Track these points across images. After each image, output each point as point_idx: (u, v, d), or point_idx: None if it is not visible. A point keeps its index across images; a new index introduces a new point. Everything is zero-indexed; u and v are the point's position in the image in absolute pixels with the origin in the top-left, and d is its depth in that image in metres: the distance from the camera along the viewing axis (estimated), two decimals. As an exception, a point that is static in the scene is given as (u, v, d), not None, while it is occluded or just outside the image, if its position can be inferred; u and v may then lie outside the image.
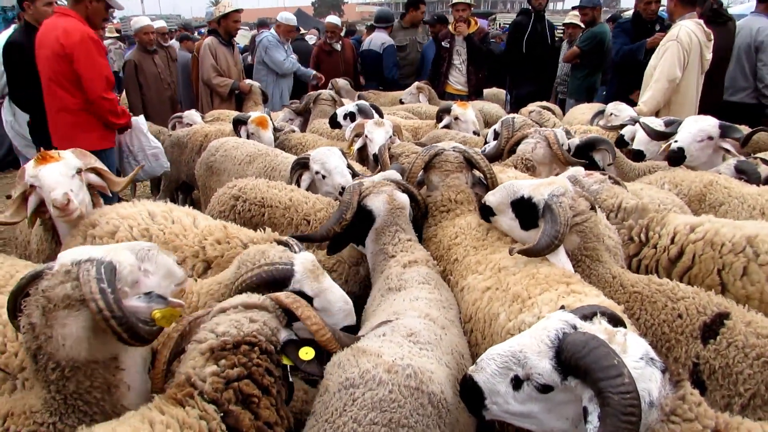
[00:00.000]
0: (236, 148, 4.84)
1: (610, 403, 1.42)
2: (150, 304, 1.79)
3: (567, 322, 1.64)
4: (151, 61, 8.06)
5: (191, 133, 5.91)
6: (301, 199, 3.68)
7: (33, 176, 2.95)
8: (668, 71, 5.77)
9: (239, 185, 3.80)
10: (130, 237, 2.87)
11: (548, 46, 9.07)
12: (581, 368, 1.51)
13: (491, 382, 1.72)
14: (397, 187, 2.99)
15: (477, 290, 2.53)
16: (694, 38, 5.74)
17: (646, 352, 1.55)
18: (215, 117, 7.01)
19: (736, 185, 3.60)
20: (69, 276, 1.70)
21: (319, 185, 4.03)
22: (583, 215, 2.56)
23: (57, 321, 1.67)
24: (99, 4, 5.11)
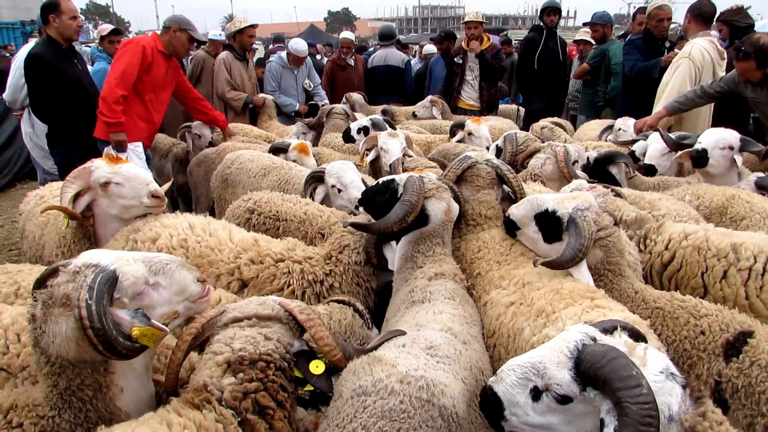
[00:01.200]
0: (252, 161, 4.95)
1: (628, 413, 1.42)
2: (132, 320, 1.77)
3: (587, 334, 1.65)
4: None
5: (220, 149, 6.01)
6: (315, 213, 3.73)
7: (113, 173, 3.16)
8: (679, 88, 5.81)
9: (254, 198, 3.90)
10: (169, 245, 3.03)
11: (560, 62, 9.21)
12: (600, 378, 1.51)
13: (510, 392, 1.73)
14: (453, 195, 2.97)
15: (501, 305, 2.55)
16: (707, 56, 5.79)
17: (667, 367, 1.55)
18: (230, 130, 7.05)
19: (758, 200, 3.64)
20: (74, 277, 1.75)
21: (334, 199, 4.08)
22: (607, 230, 2.59)
23: (51, 317, 1.72)
24: (182, 34, 5.79)
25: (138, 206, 3.26)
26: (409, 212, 2.75)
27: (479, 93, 8.88)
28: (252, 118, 8.25)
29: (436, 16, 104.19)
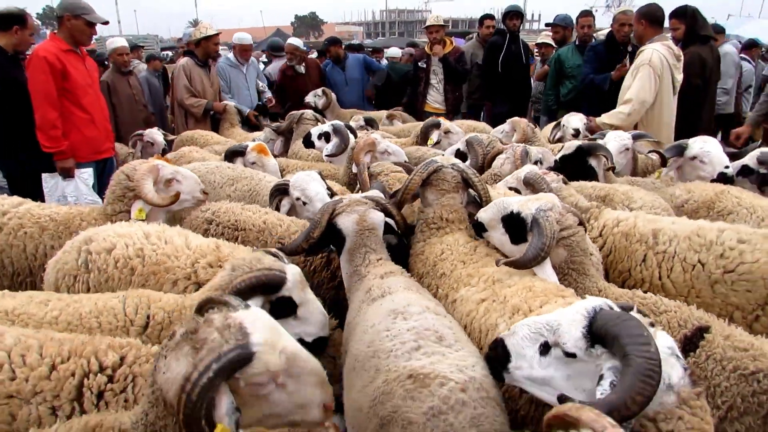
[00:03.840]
0: (212, 173, 4.85)
1: (633, 364, 1.55)
2: (225, 416, 1.58)
3: (606, 303, 1.80)
4: (126, 82, 8.10)
5: (178, 157, 5.88)
6: (275, 222, 3.71)
7: (176, 171, 3.83)
8: (639, 95, 5.93)
9: (212, 209, 3.88)
10: (125, 255, 3.00)
11: (523, 65, 9.38)
12: (611, 335, 1.65)
13: (520, 345, 1.90)
14: (374, 206, 3.04)
15: (471, 302, 2.60)
16: (665, 62, 5.93)
17: (674, 348, 1.69)
18: (189, 137, 6.94)
19: (747, 196, 3.76)
20: (223, 331, 1.63)
21: (300, 211, 4.08)
22: (570, 230, 2.67)
23: (178, 351, 1.61)
24: (78, 21, 5.38)
25: (190, 200, 3.87)
26: (313, 229, 2.97)
27: (444, 96, 8.98)
28: (214, 126, 8.12)
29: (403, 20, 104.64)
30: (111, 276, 2.95)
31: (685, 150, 4.52)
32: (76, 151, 5.51)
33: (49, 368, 1.98)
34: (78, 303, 2.47)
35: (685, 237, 2.98)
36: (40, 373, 1.95)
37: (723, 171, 4.29)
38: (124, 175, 3.69)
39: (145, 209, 3.65)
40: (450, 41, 8.83)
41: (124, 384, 2.03)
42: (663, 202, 3.87)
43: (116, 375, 2.03)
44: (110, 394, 1.99)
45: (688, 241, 2.95)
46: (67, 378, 1.97)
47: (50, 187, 5.51)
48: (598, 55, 7.27)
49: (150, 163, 3.76)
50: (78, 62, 5.52)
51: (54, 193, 5.50)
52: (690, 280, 2.88)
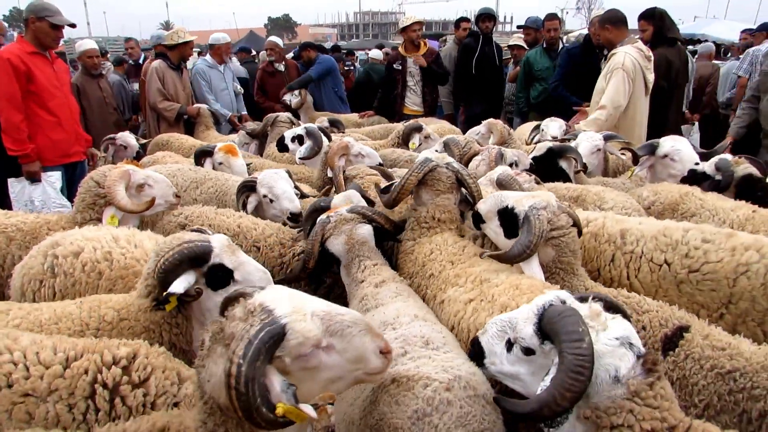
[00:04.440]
0: (174, 176, 4.76)
1: (564, 361, 1.63)
2: (281, 393, 1.54)
3: (558, 298, 1.86)
4: (96, 85, 7.96)
5: (153, 162, 5.76)
6: (250, 226, 3.69)
7: (147, 176, 3.74)
8: (614, 98, 6.03)
9: (185, 213, 3.87)
10: (93, 258, 2.96)
11: (496, 67, 9.43)
12: (552, 332, 1.73)
13: (491, 342, 2.00)
14: (360, 220, 3.09)
15: (459, 302, 2.64)
16: (637, 65, 6.04)
17: (626, 336, 1.70)
18: (164, 140, 6.84)
19: (711, 198, 3.84)
20: (248, 317, 1.60)
21: (267, 208, 4.09)
22: (561, 230, 2.72)
23: (214, 354, 1.60)
24: (42, 23, 5.28)
25: (162, 204, 3.78)
26: (307, 260, 3.07)
27: (422, 98, 8.96)
28: (187, 130, 8.01)
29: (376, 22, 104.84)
30: (78, 280, 2.91)
31: (657, 149, 4.60)
32: (43, 154, 5.40)
33: (62, 366, 1.96)
34: (38, 311, 2.44)
35: (651, 237, 3.03)
36: (54, 371, 1.94)
37: (693, 168, 4.38)
38: (94, 182, 3.61)
39: (118, 216, 3.59)
40: (424, 43, 8.86)
41: (143, 373, 1.99)
42: (634, 202, 3.94)
43: (132, 367, 2.01)
44: (126, 388, 1.96)
45: (655, 241, 3.00)
46: (80, 375, 1.96)
47: (17, 192, 5.38)
48: (573, 59, 7.36)
49: (120, 168, 3.69)
50: (45, 65, 5.40)
51: (21, 198, 5.37)
52: (657, 280, 2.93)
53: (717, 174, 4.04)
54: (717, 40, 16.12)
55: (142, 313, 2.44)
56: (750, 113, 6.53)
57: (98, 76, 7.97)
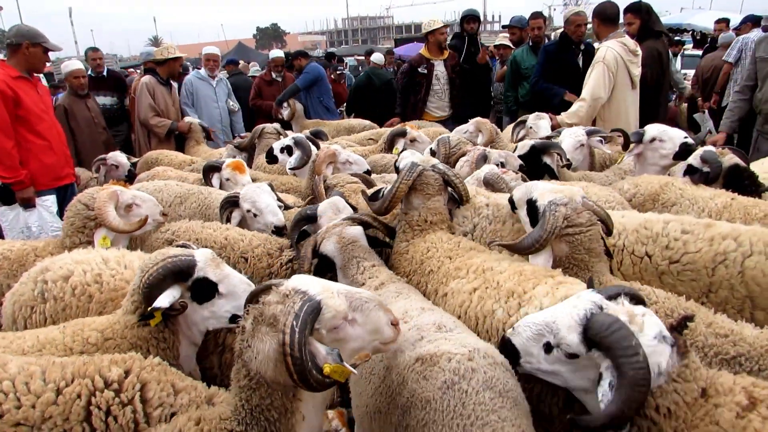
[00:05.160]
0: (160, 191, 4.82)
1: (626, 376, 1.77)
2: (327, 356, 1.80)
3: (595, 303, 1.96)
4: (84, 105, 7.95)
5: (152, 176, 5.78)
6: (237, 238, 3.72)
7: (134, 196, 3.80)
8: (593, 91, 6.14)
9: (172, 229, 3.90)
10: (83, 281, 2.98)
11: (482, 67, 9.38)
12: (604, 345, 1.85)
13: (526, 344, 2.11)
14: (349, 223, 3.18)
15: (463, 293, 2.72)
16: (619, 59, 6.13)
17: (660, 332, 1.87)
18: (153, 158, 6.89)
19: (690, 188, 3.90)
20: (285, 299, 1.83)
21: (251, 223, 4.13)
22: (578, 228, 2.74)
23: (259, 334, 1.81)
24: (36, 49, 5.37)
25: (151, 223, 3.80)
26: (301, 266, 3.19)
27: (450, 102, 8.95)
28: (178, 144, 8.09)
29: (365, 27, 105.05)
30: (68, 304, 2.93)
31: (643, 135, 4.63)
32: (36, 179, 5.42)
33: (54, 393, 2.00)
34: (21, 339, 2.46)
35: (633, 230, 3.08)
36: (47, 399, 1.98)
37: (684, 142, 4.43)
38: (82, 204, 3.63)
39: (110, 237, 3.62)
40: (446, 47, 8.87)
41: (132, 393, 2.06)
42: (618, 196, 3.98)
43: (123, 386, 2.07)
44: (117, 408, 2.02)
45: (636, 233, 3.06)
46: (74, 401, 2.00)
47: (10, 220, 5.40)
48: (550, 56, 7.42)
49: (108, 189, 3.72)
50: (30, 88, 5.43)
51: (16, 225, 5.40)
52: (639, 272, 2.98)
53: (704, 166, 4.05)
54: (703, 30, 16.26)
55: (129, 330, 2.47)
56: (741, 106, 6.49)
57: (85, 96, 7.98)
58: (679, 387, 1.83)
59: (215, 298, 2.53)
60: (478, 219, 3.37)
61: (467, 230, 3.36)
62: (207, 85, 9.01)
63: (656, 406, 1.84)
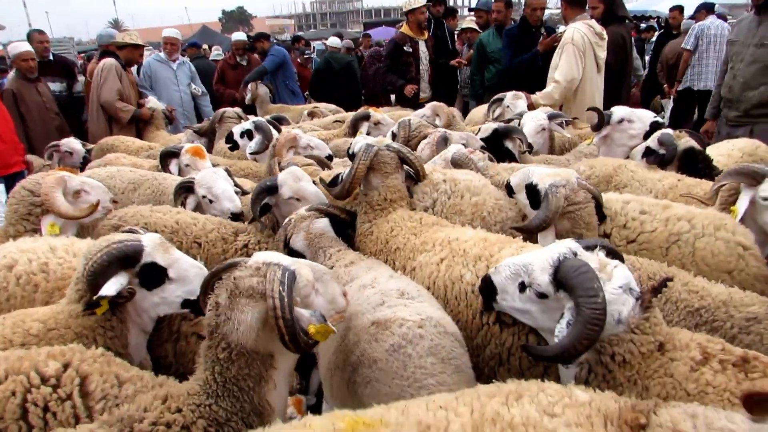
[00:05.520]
0: (112, 177, 4.69)
1: (582, 314, 1.91)
2: (311, 317, 1.93)
3: (570, 249, 2.11)
4: (34, 89, 7.65)
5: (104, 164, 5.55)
6: (189, 222, 3.63)
7: (83, 182, 3.65)
8: (566, 72, 6.17)
9: (119, 215, 3.76)
10: (28, 270, 2.88)
11: (449, 51, 9.44)
12: (569, 286, 1.99)
13: (504, 282, 2.27)
14: (316, 215, 3.27)
15: (431, 264, 2.85)
16: (586, 39, 6.17)
17: (627, 283, 2.00)
18: (109, 144, 6.68)
19: (642, 170, 4.03)
20: (258, 272, 1.93)
21: (206, 209, 4.03)
22: (577, 205, 2.97)
23: (238, 306, 1.89)
24: None
25: (100, 211, 3.64)
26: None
27: (430, 85, 8.90)
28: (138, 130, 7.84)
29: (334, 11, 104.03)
30: (12, 294, 2.82)
31: (610, 117, 4.65)
32: None
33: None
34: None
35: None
36: None
37: (654, 120, 4.50)
38: (27, 190, 3.45)
39: (58, 223, 3.47)
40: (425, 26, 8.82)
41: (71, 387, 2.00)
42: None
43: (62, 381, 2.00)
44: (55, 404, 1.96)
45: None
46: (8, 398, 1.93)
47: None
48: (512, 39, 7.47)
49: (55, 174, 3.55)
50: None
51: None
52: (597, 250, 3.08)
53: (661, 148, 4.12)
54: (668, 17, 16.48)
55: (73, 320, 2.38)
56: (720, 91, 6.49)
57: (35, 81, 7.68)
58: (636, 338, 1.95)
59: (165, 283, 2.47)
60: (437, 194, 3.45)
61: (427, 205, 3.43)
62: (167, 68, 8.83)
63: (612, 353, 1.97)
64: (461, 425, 1.48)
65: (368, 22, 40.49)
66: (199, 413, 1.88)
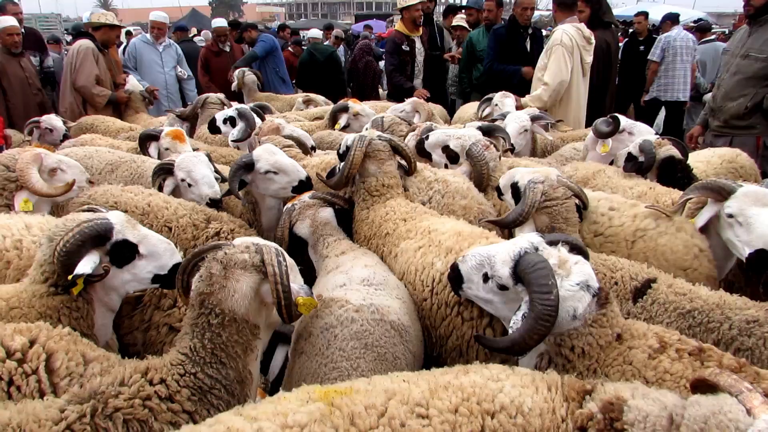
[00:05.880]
0: (90, 158, 4.64)
1: (534, 309, 2.00)
2: (299, 290, 2.12)
3: (532, 244, 2.20)
4: (17, 64, 7.56)
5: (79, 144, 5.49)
6: (161, 204, 3.61)
7: (59, 160, 3.64)
8: (556, 74, 6.21)
9: (88, 193, 3.72)
10: (1, 247, 2.87)
11: (438, 48, 9.44)
12: (526, 280, 2.09)
13: (469, 272, 2.38)
14: (321, 204, 3.46)
15: (410, 251, 3.04)
16: (574, 41, 6.22)
17: (585, 280, 2.07)
18: (88, 123, 6.62)
19: (617, 177, 4.20)
20: (248, 249, 2.08)
21: (185, 192, 4.02)
22: (555, 201, 3.05)
23: (233, 276, 2.01)
24: None
25: (75, 190, 3.61)
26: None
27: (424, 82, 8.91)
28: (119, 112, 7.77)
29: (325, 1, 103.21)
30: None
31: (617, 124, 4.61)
32: None
33: None
34: None
35: None
36: None
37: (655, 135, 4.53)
38: (2, 165, 3.42)
39: (32, 200, 3.44)
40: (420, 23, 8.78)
41: (36, 363, 2.00)
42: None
43: (27, 356, 2.00)
44: (19, 378, 1.95)
45: None
46: None
47: None
48: (499, 38, 7.49)
49: (32, 150, 3.52)
50: None
51: None
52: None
53: (641, 155, 4.19)
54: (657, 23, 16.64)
55: (37, 299, 2.37)
56: None
57: (19, 55, 7.57)
58: (594, 331, 2.05)
59: (136, 259, 2.49)
60: (432, 192, 3.67)
61: (425, 200, 3.65)
62: (152, 50, 8.77)
63: (572, 346, 2.07)
64: (420, 391, 1.67)
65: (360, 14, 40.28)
66: (183, 382, 1.93)
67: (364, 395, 1.65)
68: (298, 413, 1.57)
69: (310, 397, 1.66)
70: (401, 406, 1.61)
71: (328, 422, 1.56)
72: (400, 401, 1.62)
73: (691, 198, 3.25)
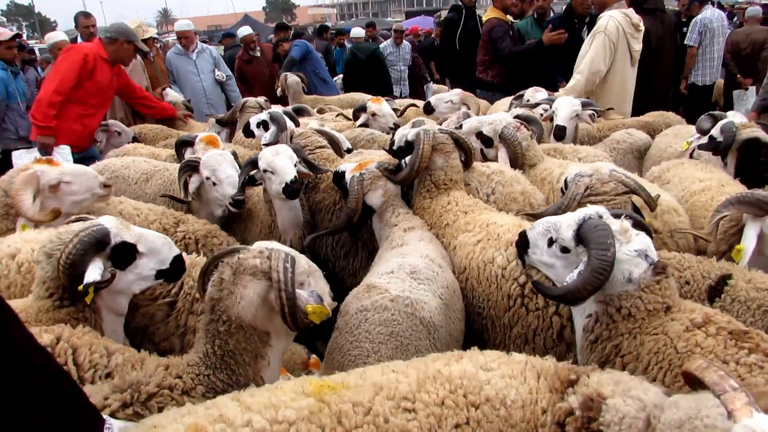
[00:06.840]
0: (127, 168, 4.78)
1: (590, 263, 2.11)
2: (309, 298, 2.09)
3: (597, 212, 2.30)
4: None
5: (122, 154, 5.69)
6: (131, 212, 3.71)
7: (61, 173, 3.48)
8: (591, 63, 5.91)
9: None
10: (30, 259, 2.93)
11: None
12: (586, 240, 2.20)
13: (536, 237, 2.53)
14: (388, 176, 3.57)
15: (469, 245, 3.10)
16: (621, 29, 5.87)
17: (644, 249, 2.15)
18: (138, 132, 6.79)
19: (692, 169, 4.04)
20: (261, 255, 2.10)
21: (209, 190, 4.11)
22: (602, 196, 3.04)
23: (241, 282, 2.02)
24: (129, 45, 6.13)
25: (89, 198, 3.56)
26: (352, 216, 3.50)
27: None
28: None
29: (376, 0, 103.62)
30: (13, 282, 2.88)
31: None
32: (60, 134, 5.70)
33: None
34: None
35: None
36: None
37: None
38: (2, 190, 3.40)
39: (29, 225, 3.33)
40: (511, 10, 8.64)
41: (64, 358, 2.11)
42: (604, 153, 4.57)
43: (55, 351, 2.11)
44: None
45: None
46: None
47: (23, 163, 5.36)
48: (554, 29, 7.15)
49: (27, 171, 3.36)
50: (107, 72, 6.06)
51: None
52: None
53: (720, 136, 3.95)
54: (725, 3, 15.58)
55: (44, 314, 2.39)
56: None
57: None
58: (644, 296, 2.11)
59: (137, 259, 2.51)
60: (494, 184, 3.71)
61: (488, 192, 3.70)
62: (185, 59, 8.83)
63: (619, 306, 2.13)
64: (408, 384, 1.71)
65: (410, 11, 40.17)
66: (198, 381, 2.00)
67: (353, 391, 1.69)
68: (289, 409, 1.61)
69: (304, 390, 1.70)
70: (387, 402, 1.65)
71: (316, 420, 1.60)
72: (386, 396, 1.67)
73: (725, 215, 2.88)
